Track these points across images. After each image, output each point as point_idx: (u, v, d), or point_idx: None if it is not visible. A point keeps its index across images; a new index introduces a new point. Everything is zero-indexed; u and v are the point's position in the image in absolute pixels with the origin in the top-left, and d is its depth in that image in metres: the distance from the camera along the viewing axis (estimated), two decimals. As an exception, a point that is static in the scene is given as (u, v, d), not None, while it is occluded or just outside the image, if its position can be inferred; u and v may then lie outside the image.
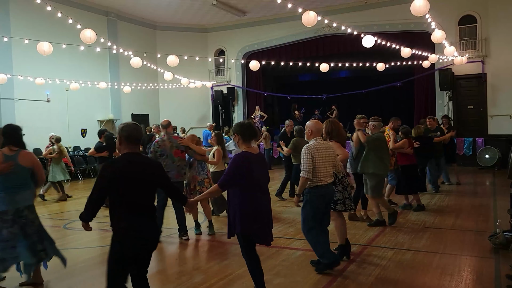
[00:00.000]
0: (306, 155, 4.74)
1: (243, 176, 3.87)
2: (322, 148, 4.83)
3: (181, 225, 6.61)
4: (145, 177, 3.34)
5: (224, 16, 19.31)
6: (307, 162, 4.72)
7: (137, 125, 3.50)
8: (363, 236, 6.46)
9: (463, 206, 8.52)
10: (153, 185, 3.45)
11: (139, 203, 3.32)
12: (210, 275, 4.99)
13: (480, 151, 14.55)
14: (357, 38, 11.40)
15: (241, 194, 3.89)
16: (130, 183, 3.27)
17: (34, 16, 14.08)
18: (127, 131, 3.37)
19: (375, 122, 7.07)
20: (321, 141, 4.92)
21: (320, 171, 4.77)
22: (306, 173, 4.71)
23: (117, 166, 3.32)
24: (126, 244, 3.28)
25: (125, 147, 3.38)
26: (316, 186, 4.78)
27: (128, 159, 3.34)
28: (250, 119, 19.24)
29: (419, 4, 8.01)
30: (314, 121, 5.12)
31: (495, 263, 5.11)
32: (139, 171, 3.32)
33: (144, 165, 3.39)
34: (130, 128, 3.40)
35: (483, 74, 15.66)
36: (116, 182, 3.25)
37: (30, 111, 14.14)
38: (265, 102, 21.27)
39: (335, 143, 5.51)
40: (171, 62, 13.12)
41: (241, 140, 4.03)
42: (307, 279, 4.77)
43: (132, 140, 3.38)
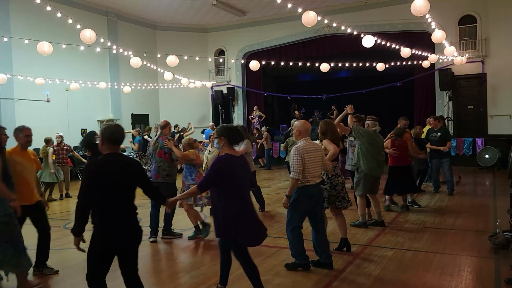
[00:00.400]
0: (296, 156, 4.77)
1: (223, 178, 3.89)
2: (311, 149, 4.87)
3: (166, 225, 6.76)
4: (124, 176, 3.45)
5: (224, 16, 19.31)
6: (297, 163, 4.75)
7: (119, 126, 3.61)
8: (363, 236, 6.46)
9: (463, 206, 8.52)
10: (132, 184, 3.54)
11: (120, 201, 3.43)
12: (210, 275, 4.99)
13: (480, 151, 14.55)
14: (357, 38, 11.39)
15: (224, 198, 3.91)
16: (111, 182, 3.38)
17: (34, 16, 14.07)
18: (109, 132, 3.49)
19: (369, 121, 7.10)
20: (310, 142, 4.95)
21: (309, 171, 4.82)
22: (296, 175, 4.76)
23: (98, 165, 3.43)
24: (107, 240, 3.38)
25: (107, 147, 3.48)
26: (305, 186, 4.83)
27: (109, 159, 3.45)
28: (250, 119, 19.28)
29: (419, 4, 8.01)
30: (302, 121, 5.13)
31: (495, 263, 5.11)
32: (119, 170, 3.43)
33: (123, 164, 3.50)
34: (113, 130, 3.51)
35: (483, 74, 15.66)
36: (97, 181, 3.36)
37: (30, 111, 14.13)
38: (265, 102, 21.27)
39: (328, 140, 5.57)
40: (171, 62, 13.11)
41: (226, 143, 4.03)
42: (307, 279, 4.77)
43: (114, 141, 3.49)
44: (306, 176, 4.81)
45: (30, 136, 5.08)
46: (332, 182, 5.54)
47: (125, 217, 3.47)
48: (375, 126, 7.13)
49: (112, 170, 3.41)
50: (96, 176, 3.37)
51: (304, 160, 4.76)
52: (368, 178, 6.88)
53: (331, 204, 5.58)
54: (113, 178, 3.40)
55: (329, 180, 5.53)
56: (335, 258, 5.44)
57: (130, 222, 3.50)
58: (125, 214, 3.47)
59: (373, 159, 6.85)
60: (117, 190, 3.42)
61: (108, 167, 3.40)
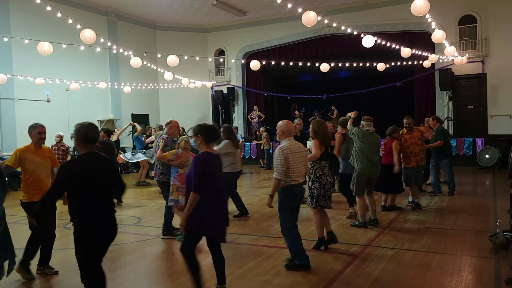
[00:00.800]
0: (280, 156, 4.81)
1: (206, 176, 3.94)
2: (295, 149, 4.91)
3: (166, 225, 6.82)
4: (104, 175, 3.55)
5: (224, 16, 19.31)
6: (280, 164, 4.79)
7: (93, 125, 3.64)
8: (363, 236, 6.45)
9: (463, 206, 8.52)
10: (109, 181, 3.61)
11: (101, 200, 3.52)
12: (210, 275, 4.99)
13: (480, 151, 14.55)
14: (357, 38, 11.39)
15: (201, 195, 3.94)
16: (89, 180, 3.44)
17: (34, 16, 14.08)
18: (84, 132, 3.53)
19: (364, 122, 7.15)
20: (293, 142, 4.98)
21: (294, 171, 4.87)
22: (279, 175, 4.80)
23: (76, 165, 3.53)
24: (87, 237, 3.47)
25: (83, 147, 3.53)
26: (290, 185, 4.88)
27: (87, 158, 3.52)
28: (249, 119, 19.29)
29: (419, 4, 8.01)
30: (285, 121, 5.13)
31: (495, 263, 5.11)
32: (99, 170, 3.52)
33: (100, 163, 3.59)
34: (87, 129, 3.55)
35: (483, 74, 15.66)
36: (76, 180, 3.41)
37: (30, 111, 14.13)
38: (265, 102, 21.27)
39: (315, 141, 5.62)
40: (171, 62, 13.12)
41: (203, 141, 4.07)
42: (307, 279, 4.77)
43: (89, 140, 3.53)
44: (291, 176, 4.86)
45: (42, 133, 5.06)
46: (321, 181, 5.60)
47: (107, 215, 3.58)
48: (370, 127, 7.15)
49: (92, 170, 3.47)
50: (75, 176, 3.41)
51: (288, 160, 4.80)
52: (362, 178, 6.91)
53: (318, 203, 5.62)
54: (93, 178, 3.46)
55: (318, 179, 5.60)
56: (334, 258, 5.45)
57: (111, 220, 3.62)
58: (107, 212, 3.58)
59: (367, 158, 6.88)
60: (98, 190, 3.49)
61: (88, 167, 3.46)
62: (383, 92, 18.70)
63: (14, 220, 8.17)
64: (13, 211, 9.36)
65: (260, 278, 4.85)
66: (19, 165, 5.00)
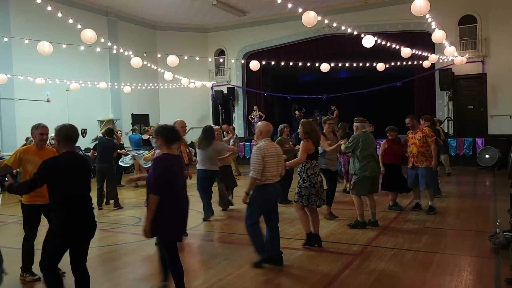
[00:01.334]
0: (257, 155, 4.96)
1: (166, 177, 3.98)
2: (272, 149, 5.07)
3: None
4: (81, 173, 3.75)
5: (224, 16, 19.31)
6: (257, 163, 4.94)
7: (72, 126, 3.81)
8: (363, 236, 6.45)
9: (463, 206, 8.52)
10: (87, 177, 3.85)
11: (78, 193, 3.70)
12: (210, 275, 5.00)
13: (480, 151, 14.55)
14: (357, 38, 11.40)
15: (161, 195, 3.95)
16: (69, 178, 3.62)
17: (34, 16, 14.08)
18: (65, 132, 3.70)
19: (357, 123, 7.15)
20: (270, 142, 5.16)
21: (270, 170, 5.01)
22: (256, 174, 4.94)
23: (59, 162, 3.66)
24: (63, 233, 3.62)
25: (63, 146, 3.71)
26: (265, 184, 5.01)
27: (67, 157, 3.69)
28: (249, 119, 19.28)
29: (419, 4, 8.01)
30: (264, 122, 5.30)
31: (495, 263, 5.11)
32: (76, 168, 3.72)
33: (79, 162, 3.80)
34: (67, 129, 3.72)
35: (483, 74, 15.66)
36: (58, 177, 3.59)
37: (30, 111, 14.14)
38: (265, 102, 21.27)
39: (304, 144, 5.71)
40: (171, 62, 13.12)
41: (163, 142, 4.11)
42: (307, 279, 4.77)
43: (70, 139, 3.71)
44: (266, 175, 4.99)
45: (44, 134, 4.97)
46: (311, 181, 5.69)
47: (83, 214, 3.73)
48: (364, 128, 7.17)
49: (72, 168, 3.66)
50: (56, 172, 3.58)
51: (264, 159, 4.93)
52: (369, 179, 6.94)
53: (311, 203, 5.72)
54: (72, 176, 3.64)
55: (309, 178, 5.69)
56: (334, 258, 5.45)
57: (88, 220, 3.78)
58: (84, 211, 3.74)
59: (372, 160, 6.93)
60: (76, 188, 3.67)
61: (69, 165, 3.65)
62: (383, 92, 18.68)
63: (13, 220, 8.18)
64: (13, 211, 9.38)
65: (260, 278, 4.85)
66: (19, 166, 4.91)
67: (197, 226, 7.54)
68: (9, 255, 6.03)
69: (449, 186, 10.97)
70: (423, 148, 7.84)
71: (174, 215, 3.99)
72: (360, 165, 6.90)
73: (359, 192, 6.94)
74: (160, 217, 3.90)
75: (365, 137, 7.05)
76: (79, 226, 3.66)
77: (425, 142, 7.83)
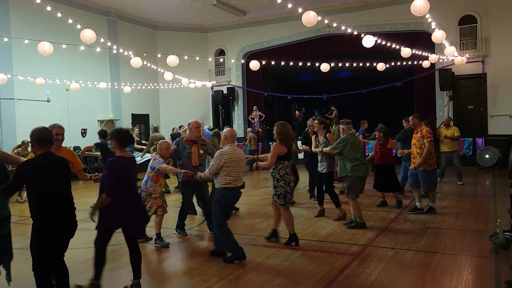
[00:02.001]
0: (217, 159, 5.29)
1: (119, 180, 4.18)
2: (234, 155, 5.33)
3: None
4: (58, 172, 3.82)
5: (224, 16, 19.31)
6: (214, 166, 5.29)
7: (46, 129, 3.93)
8: (363, 236, 6.46)
9: (463, 206, 8.53)
10: (65, 178, 3.90)
11: (55, 195, 3.75)
12: (210, 275, 5.00)
13: (480, 151, 14.55)
14: (357, 38, 11.39)
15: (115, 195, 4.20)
16: (46, 178, 3.71)
17: (34, 16, 14.07)
18: (37, 135, 3.80)
19: (344, 125, 7.16)
20: (234, 148, 5.43)
21: (231, 175, 5.29)
22: (209, 174, 5.41)
23: (34, 164, 3.74)
24: (45, 233, 3.70)
25: (38, 148, 3.81)
26: (225, 187, 5.31)
27: (42, 159, 3.76)
28: (250, 119, 19.27)
29: (419, 4, 8.00)
30: (229, 129, 5.71)
31: (495, 263, 5.11)
32: (53, 168, 3.79)
33: (57, 162, 3.86)
34: (40, 132, 3.82)
35: (483, 74, 15.66)
36: (34, 178, 3.68)
37: (30, 111, 14.14)
38: (265, 102, 21.28)
39: (275, 147, 5.88)
40: (171, 62, 13.11)
41: (117, 145, 4.33)
42: (307, 279, 4.77)
43: (43, 142, 3.80)
44: (227, 179, 5.29)
45: (59, 135, 5.01)
46: (285, 180, 5.90)
47: (63, 213, 3.81)
48: (350, 130, 7.20)
49: (48, 168, 3.74)
50: (32, 174, 3.67)
51: (226, 165, 5.23)
52: (362, 180, 7.01)
53: (288, 201, 5.94)
54: (49, 174, 3.73)
55: (282, 178, 5.90)
56: (334, 258, 5.45)
57: (71, 219, 3.90)
58: (63, 210, 3.82)
59: (361, 161, 6.96)
60: (54, 187, 3.75)
61: (45, 166, 3.72)
62: (383, 92, 18.68)
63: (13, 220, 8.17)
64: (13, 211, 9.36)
65: (260, 278, 4.85)
66: None
67: (197, 226, 7.54)
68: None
69: (449, 186, 10.98)
70: (421, 150, 7.57)
71: (118, 210, 4.23)
72: (352, 166, 6.88)
73: (354, 193, 6.95)
74: (104, 210, 4.23)
75: (353, 139, 7.08)
76: (58, 227, 3.75)
77: (423, 143, 7.58)
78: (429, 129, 7.87)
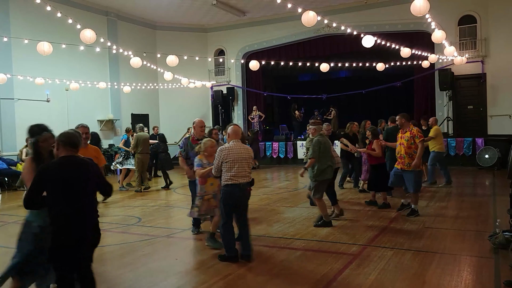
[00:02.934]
0: (216, 157, 5.37)
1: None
2: (236, 151, 5.33)
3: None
4: (79, 178, 3.53)
5: (224, 16, 19.32)
6: (215, 163, 5.37)
7: (75, 131, 3.80)
8: (363, 236, 6.46)
9: (462, 206, 8.52)
10: (87, 184, 3.59)
11: (72, 202, 3.46)
12: (210, 275, 5.00)
13: (480, 151, 14.55)
14: (357, 38, 11.39)
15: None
16: (65, 183, 3.45)
17: (34, 16, 14.07)
18: (65, 136, 3.63)
19: (315, 126, 7.18)
20: (238, 144, 5.42)
21: (231, 171, 5.27)
22: (214, 172, 5.46)
23: (53, 168, 3.52)
24: (57, 241, 3.44)
25: (62, 151, 3.60)
26: (226, 184, 5.32)
27: (64, 161, 3.54)
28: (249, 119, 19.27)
29: (419, 4, 8.01)
30: (232, 126, 5.69)
31: (495, 263, 5.11)
32: (73, 172, 3.52)
33: (79, 166, 3.58)
34: (69, 134, 3.66)
35: (483, 74, 15.67)
36: (51, 183, 3.44)
37: (30, 111, 14.13)
38: (265, 102, 21.29)
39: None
40: (171, 62, 13.11)
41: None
42: (307, 279, 4.77)
43: (69, 144, 3.60)
44: (228, 175, 5.27)
45: (85, 133, 5.20)
46: None
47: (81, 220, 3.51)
48: (321, 130, 7.21)
49: (67, 173, 3.50)
50: (50, 179, 3.44)
51: (224, 160, 5.26)
52: (326, 182, 7.08)
53: None
54: (68, 179, 3.47)
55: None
56: (334, 258, 5.45)
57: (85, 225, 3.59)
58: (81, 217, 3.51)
59: (328, 162, 7.01)
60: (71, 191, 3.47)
61: (64, 171, 3.49)
62: (383, 92, 18.71)
63: (13, 220, 8.18)
64: (13, 211, 9.38)
65: (260, 278, 4.85)
66: None
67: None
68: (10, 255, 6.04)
69: (449, 186, 10.97)
70: (410, 150, 7.43)
71: None
72: (322, 169, 6.91)
73: (320, 193, 7.04)
74: None
75: (324, 140, 7.09)
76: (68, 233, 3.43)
77: (412, 143, 7.44)
78: (419, 129, 7.76)
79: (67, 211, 3.44)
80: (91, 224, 3.59)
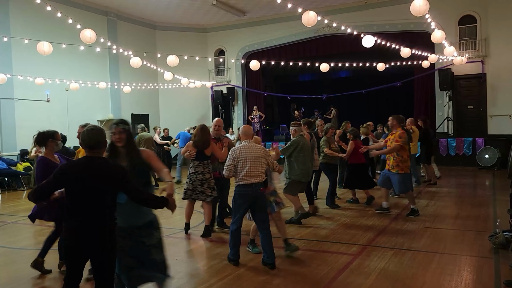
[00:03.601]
0: (228, 157, 5.29)
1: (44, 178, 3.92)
2: (247, 150, 5.24)
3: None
4: (97, 181, 3.20)
5: (224, 16, 19.32)
6: (227, 164, 5.26)
7: (92, 130, 3.35)
8: (363, 236, 6.46)
9: (462, 206, 8.53)
10: (107, 189, 3.25)
11: (85, 206, 3.19)
12: (210, 275, 5.00)
13: (480, 151, 14.56)
14: (357, 38, 11.39)
15: None
16: (79, 186, 3.16)
17: (34, 16, 14.07)
18: (82, 136, 3.33)
19: (296, 127, 7.21)
20: (250, 143, 5.34)
21: (242, 170, 5.17)
22: (225, 171, 5.29)
23: (71, 166, 3.30)
24: (68, 244, 3.25)
25: (85, 151, 3.34)
26: (238, 184, 5.23)
27: (85, 162, 3.26)
28: (249, 119, 19.28)
29: (419, 4, 8.01)
30: (243, 126, 5.72)
31: (495, 263, 5.11)
32: (92, 175, 3.19)
33: (100, 170, 3.24)
34: (83, 135, 3.31)
35: (482, 74, 15.67)
36: (65, 184, 3.22)
37: (30, 111, 14.14)
38: (265, 102, 21.29)
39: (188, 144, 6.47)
40: (171, 62, 13.11)
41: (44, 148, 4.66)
42: (307, 279, 4.77)
43: (91, 144, 3.27)
44: (240, 175, 5.18)
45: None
46: (191, 178, 6.48)
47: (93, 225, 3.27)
48: (301, 131, 7.24)
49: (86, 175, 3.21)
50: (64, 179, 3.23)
51: (238, 160, 5.17)
52: (299, 184, 7.12)
53: (186, 196, 6.55)
54: (85, 182, 3.20)
55: (189, 176, 6.52)
56: (334, 258, 5.45)
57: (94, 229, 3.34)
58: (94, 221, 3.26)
59: (305, 165, 7.04)
60: (85, 195, 3.21)
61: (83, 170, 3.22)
62: (383, 92, 18.71)
63: (13, 220, 8.18)
64: (13, 211, 9.38)
65: (260, 278, 4.85)
66: None
67: (197, 226, 7.54)
68: (9, 255, 6.05)
69: (449, 186, 10.98)
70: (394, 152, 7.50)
71: None
72: (298, 170, 6.96)
73: (292, 192, 7.12)
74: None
75: (304, 141, 7.09)
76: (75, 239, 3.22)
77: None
78: (403, 132, 7.63)
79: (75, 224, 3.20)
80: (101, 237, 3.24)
